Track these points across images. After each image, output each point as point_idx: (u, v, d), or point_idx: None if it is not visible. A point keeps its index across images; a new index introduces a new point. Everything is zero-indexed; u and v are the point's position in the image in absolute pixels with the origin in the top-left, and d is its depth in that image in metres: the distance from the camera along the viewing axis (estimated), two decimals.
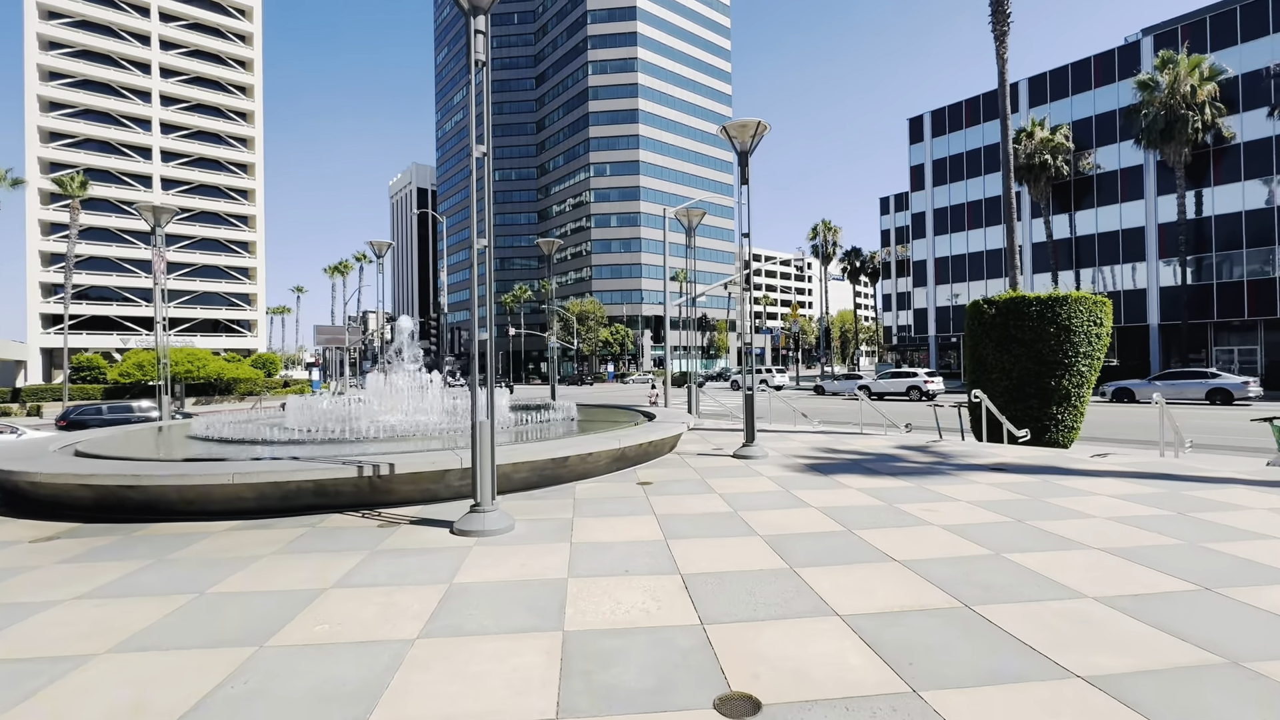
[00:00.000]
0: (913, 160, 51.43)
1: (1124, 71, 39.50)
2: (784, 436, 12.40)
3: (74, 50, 68.89)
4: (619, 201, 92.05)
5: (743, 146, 9.43)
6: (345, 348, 64.29)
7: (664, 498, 6.77)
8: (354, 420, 10.02)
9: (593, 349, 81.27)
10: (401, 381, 11.33)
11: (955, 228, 48.52)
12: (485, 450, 5.49)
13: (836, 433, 13.16)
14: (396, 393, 11.19)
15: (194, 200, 74.76)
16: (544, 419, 10.74)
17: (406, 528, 5.66)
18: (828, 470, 8.32)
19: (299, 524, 5.82)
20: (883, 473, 8.08)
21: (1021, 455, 9.45)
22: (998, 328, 12.83)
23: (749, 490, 7.13)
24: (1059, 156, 40.03)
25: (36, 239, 66.69)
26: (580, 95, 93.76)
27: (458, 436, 8.51)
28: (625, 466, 8.48)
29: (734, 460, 9.25)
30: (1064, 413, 12.48)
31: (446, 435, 8.83)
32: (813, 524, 5.61)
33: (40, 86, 66.99)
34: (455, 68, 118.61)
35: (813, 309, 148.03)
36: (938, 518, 5.72)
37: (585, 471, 7.79)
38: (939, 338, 50.78)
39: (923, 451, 10.01)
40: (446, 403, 11.80)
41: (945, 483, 7.36)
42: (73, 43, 68.61)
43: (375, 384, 11.04)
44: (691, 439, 11.88)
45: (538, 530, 5.53)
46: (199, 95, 75.54)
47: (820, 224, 69.31)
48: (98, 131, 70.35)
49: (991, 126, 45.98)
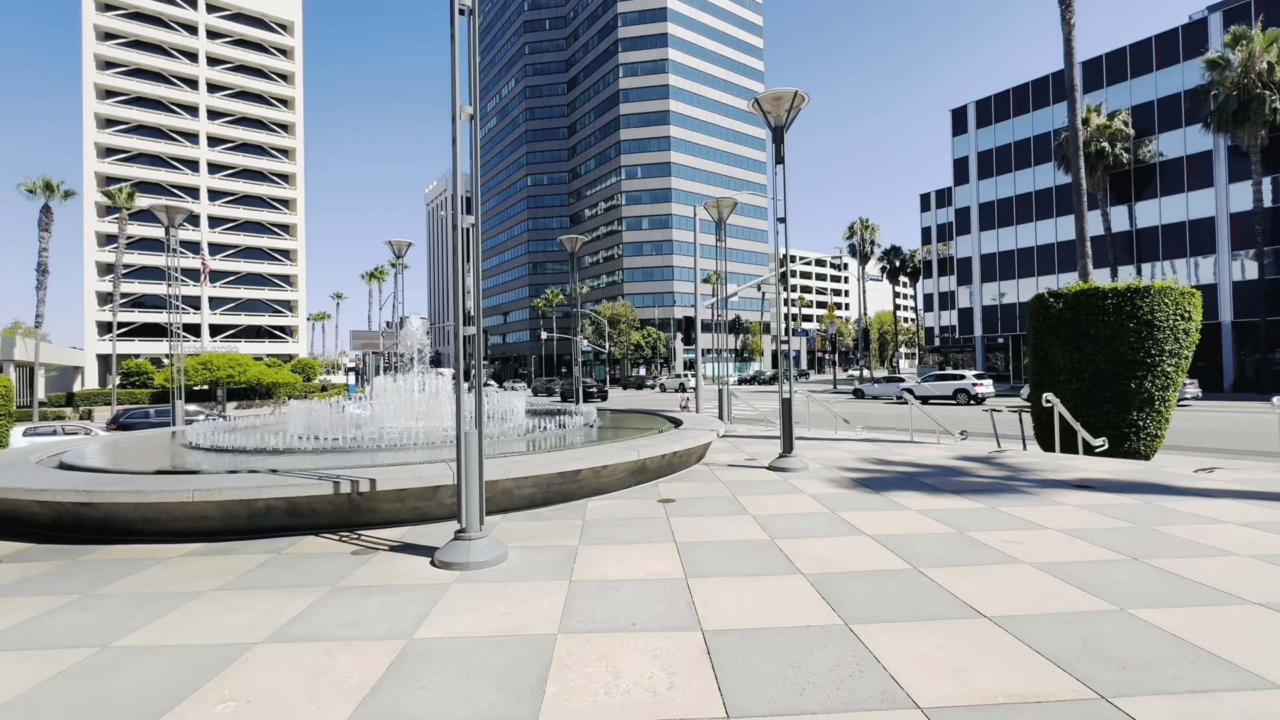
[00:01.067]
0: (956, 153, 49.16)
1: (1189, 51, 36.81)
2: (825, 445, 11.26)
3: (128, 69, 71.79)
4: (650, 204, 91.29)
5: (777, 121, 8.42)
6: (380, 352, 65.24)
7: (687, 520, 5.80)
8: (359, 427, 9.36)
9: (624, 352, 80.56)
10: (414, 385, 10.65)
11: (1003, 222, 46.09)
12: (472, 466, 4.63)
13: (883, 440, 11.95)
14: (408, 398, 10.51)
15: (238, 210, 77.09)
16: (560, 425, 9.88)
17: (383, 555, 4.84)
18: (879, 486, 7.21)
19: (265, 549, 5.06)
20: (945, 490, 6.93)
21: (1107, 469, 8.14)
22: (1067, 324, 11.46)
23: (787, 510, 6.10)
24: (1118, 144, 37.51)
25: (93, 250, 69.58)
26: (611, 98, 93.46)
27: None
28: (645, 480, 7.54)
29: (769, 473, 8.21)
30: (1147, 419, 11.04)
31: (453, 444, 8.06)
32: (868, 558, 4.56)
33: (97, 104, 69.97)
34: (488, 76, 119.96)
35: (849, 310, 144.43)
36: (1027, 553, 4.60)
37: (599, 487, 6.88)
38: (986, 338, 48.32)
39: (987, 464, 8.78)
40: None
41: (1024, 504, 6.19)
42: (127, 61, 71.50)
43: (385, 389, 10.37)
44: (722, 447, 10.86)
45: (534, 562, 4.63)
46: (243, 109, 77.92)
47: (857, 222, 67.16)
48: (149, 146, 73.10)
49: (1042, 115, 43.57)
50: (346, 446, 7.99)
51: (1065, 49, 14.42)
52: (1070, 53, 14.67)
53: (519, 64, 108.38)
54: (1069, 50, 14.66)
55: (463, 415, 4.69)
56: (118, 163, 71.61)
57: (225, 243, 76.69)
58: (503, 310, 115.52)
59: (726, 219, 13.25)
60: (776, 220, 8.43)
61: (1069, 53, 14.72)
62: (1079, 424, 10.29)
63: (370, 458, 7.21)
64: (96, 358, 69.94)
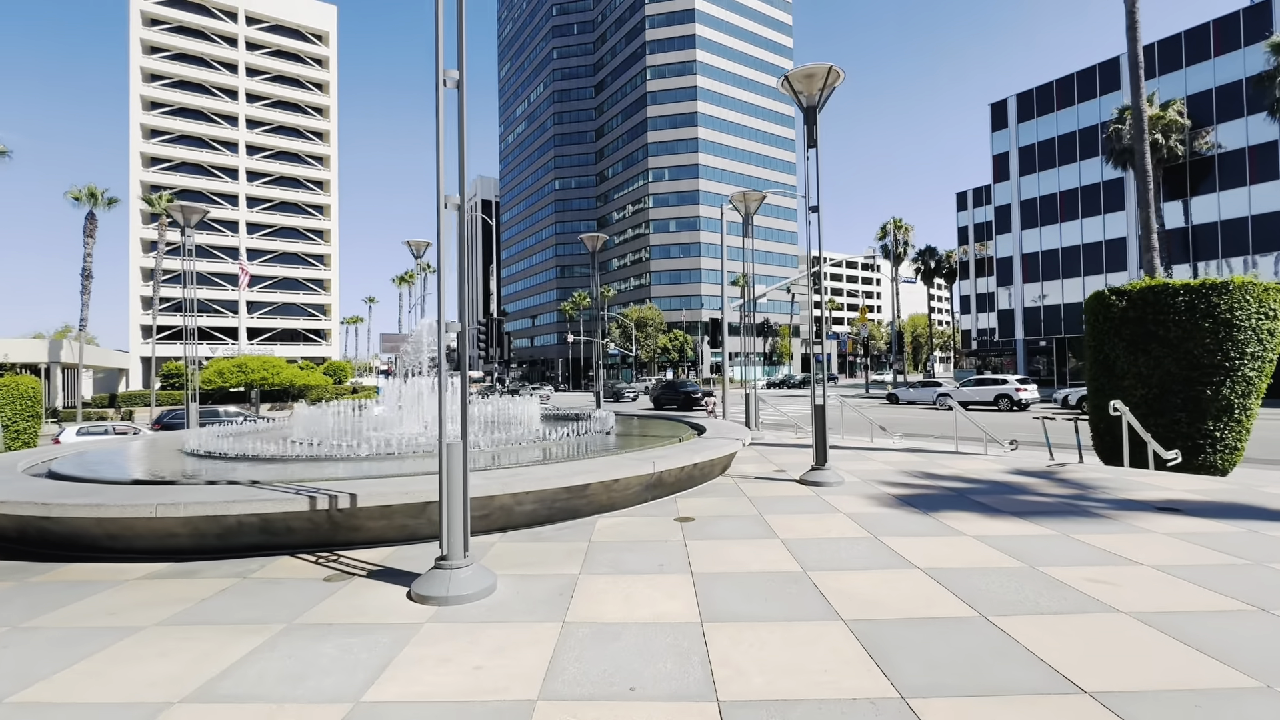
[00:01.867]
0: (995, 149, 47.27)
1: (1251, 36, 34.57)
2: (860, 455, 10.39)
3: (171, 80, 74.19)
4: (678, 206, 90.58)
5: (809, 101, 7.66)
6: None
7: (707, 544, 5.09)
8: (367, 432, 8.89)
9: (651, 355, 79.89)
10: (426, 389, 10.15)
11: (1046, 220, 44.07)
12: (455, 483, 4.01)
13: (925, 451, 11.01)
14: (420, 401, 10.03)
15: (275, 216, 78.95)
16: (575, 432, 9.24)
17: (358, 583, 4.25)
18: (927, 505, 6.38)
19: (232, 572, 4.53)
20: (1004, 511, 6.07)
21: (1190, 488, 7.14)
22: (1131, 324, 10.42)
23: (822, 534, 5.34)
24: (1172, 135, 35.43)
25: (138, 255, 71.95)
26: (639, 101, 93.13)
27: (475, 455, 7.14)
28: (663, 495, 6.84)
29: (801, 488, 7.43)
30: (1225, 429, 9.94)
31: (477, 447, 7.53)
32: (922, 599, 3.79)
33: (143, 115, 72.44)
34: (517, 81, 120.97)
35: (881, 313, 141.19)
36: (1120, 597, 3.77)
37: (610, 502, 6.21)
38: (1027, 341, 46.24)
39: (1048, 479, 7.84)
40: (482, 410, 10.56)
41: (1102, 532, 5.31)
42: (170, 74, 73.90)
43: (395, 392, 9.90)
44: (749, 457, 10.09)
45: (525, 596, 3.98)
46: (280, 118, 79.85)
47: (890, 222, 65.24)
48: (190, 155, 75.36)
49: (1088, 107, 41.53)
50: (345, 454, 7.50)
51: (1128, 21, 13.18)
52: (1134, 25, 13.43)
53: (547, 69, 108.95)
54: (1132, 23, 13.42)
55: (446, 423, 4.08)
56: (161, 171, 73.97)
57: (262, 248, 78.60)
58: (530, 314, 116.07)
59: (754, 213, 12.50)
60: (809, 209, 7.66)
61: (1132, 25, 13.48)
62: (1149, 435, 9.24)
63: (372, 467, 6.68)
64: (140, 360, 72.22)
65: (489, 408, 10.58)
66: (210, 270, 76.12)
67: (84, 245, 43.47)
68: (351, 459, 7.32)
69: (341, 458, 7.39)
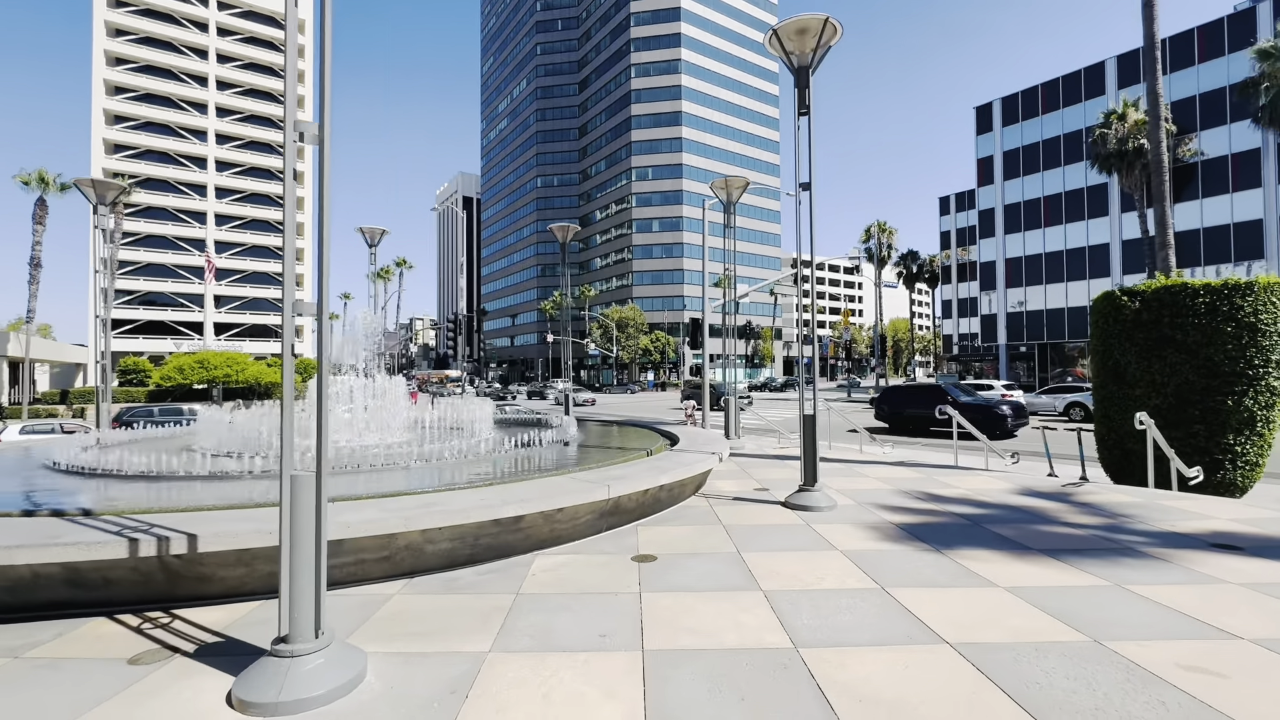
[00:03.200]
0: (980, 152, 46.96)
1: (1235, 43, 34.49)
2: (852, 470, 9.32)
3: (137, 65, 71.34)
4: (661, 206, 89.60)
5: (801, 61, 6.56)
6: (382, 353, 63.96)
7: (668, 599, 3.93)
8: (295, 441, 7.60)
9: (632, 356, 78.75)
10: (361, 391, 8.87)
11: (1030, 225, 43.81)
12: (303, 531, 2.80)
13: (922, 465, 9.98)
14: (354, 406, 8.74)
15: (246, 208, 76.36)
16: (529, 442, 8.04)
17: (176, 667, 3.02)
18: (938, 540, 5.29)
19: (12, 642, 3.26)
20: (1033, 549, 5.00)
21: (1235, 516, 6.16)
22: (1145, 327, 9.50)
23: (815, 583, 4.21)
24: None
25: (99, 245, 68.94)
26: (623, 99, 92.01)
27: (386, 476, 5.93)
28: (622, 523, 5.67)
29: (786, 513, 6.31)
30: (1246, 443, 9.06)
31: (400, 463, 6.28)
32: (963, 703, 2.67)
33: (106, 100, 69.53)
34: (500, 76, 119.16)
35: (863, 316, 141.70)
36: (1237, 701, 2.68)
37: (553, 536, 5.03)
38: (1009, 346, 45.95)
39: (1067, 503, 6.82)
40: (424, 416, 9.32)
41: (1161, 580, 4.25)
42: (136, 58, 71.06)
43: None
44: (727, 471, 8.97)
45: (401, 695, 2.78)
46: (252, 106, 77.30)
47: (874, 225, 64.81)
48: (157, 143, 72.54)
49: (1073, 111, 41.32)
50: (244, 471, 6.22)
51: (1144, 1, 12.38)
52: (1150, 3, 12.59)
53: (531, 64, 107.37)
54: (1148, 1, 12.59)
55: (290, 448, 2.87)
56: (125, 159, 71.04)
57: (231, 240, 75.97)
58: (511, 312, 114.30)
59: (736, 201, 11.41)
60: (799, 186, 6.56)
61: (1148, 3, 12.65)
62: (1173, 451, 8.31)
63: (268, 489, 5.42)
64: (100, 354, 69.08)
65: (434, 413, 9.35)
66: (176, 263, 73.37)
67: (33, 233, 41.12)
68: (250, 477, 6.04)
69: (237, 476, 6.10)
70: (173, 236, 73.67)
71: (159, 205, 72.74)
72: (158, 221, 72.63)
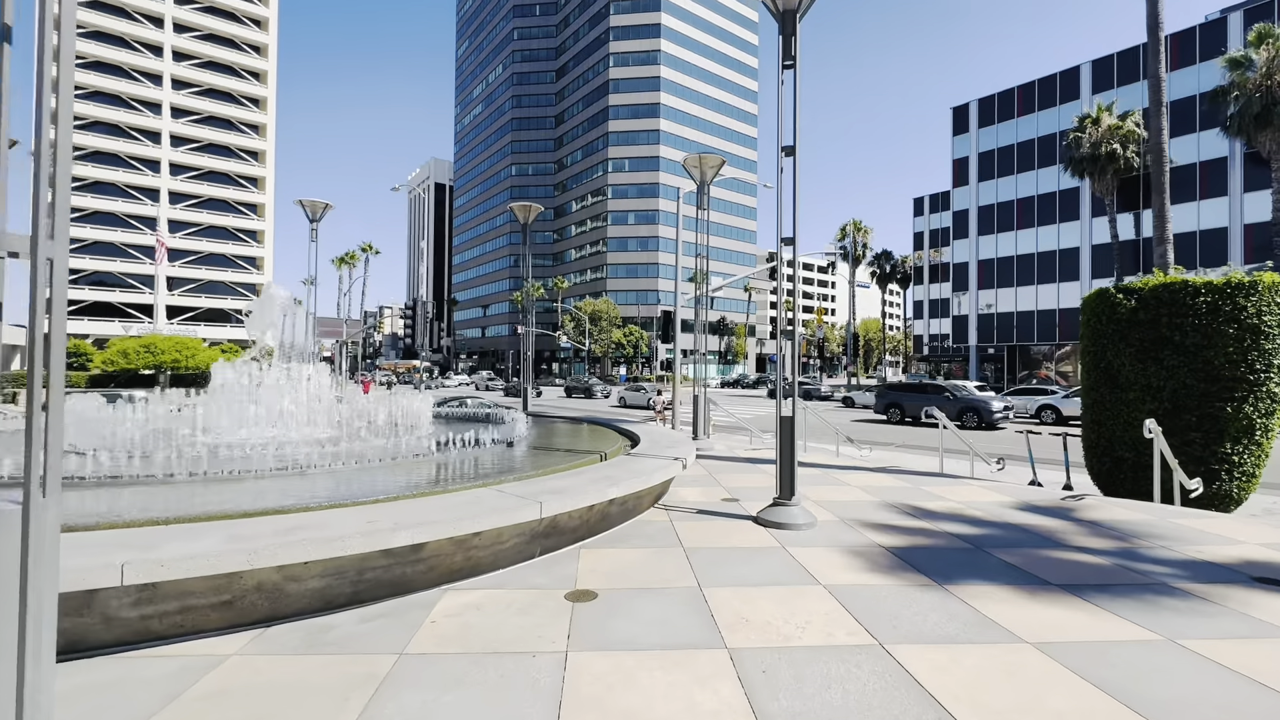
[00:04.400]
0: (956, 153, 46.98)
1: (1207, 52, 34.85)
2: (830, 477, 8.48)
3: (85, 31, 67.29)
4: (637, 198, 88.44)
5: (788, 4, 5.63)
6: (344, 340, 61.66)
7: (603, 663, 2.95)
8: (192, 435, 6.41)
9: (605, 350, 77.63)
10: (273, 378, 7.69)
11: (1003, 227, 43.96)
12: None
13: (905, 472, 9.20)
14: (260, 395, 7.56)
15: (203, 187, 72.86)
16: (466, 443, 6.98)
17: None
18: (938, 570, 4.42)
19: None
20: (1051, 583, 4.16)
21: (1264, 540, 5.44)
22: (1142, 327, 8.88)
23: (795, 634, 3.29)
24: (1129, 146, 35.39)
25: None
26: (601, 88, 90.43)
27: (304, 477, 4.83)
28: (561, 544, 4.67)
29: (759, 532, 5.39)
30: (1244, 452, 8.50)
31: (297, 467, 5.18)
32: None
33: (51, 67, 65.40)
34: (475, 61, 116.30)
35: (835, 315, 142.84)
36: None
37: (469, 565, 4.01)
38: (980, 348, 46.20)
39: (1070, 521, 6.06)
40: (365, 408, 8.18)
41: (1215, 628, 3.43)
42: (84, 23, 67.01)
43: (229, 380, 7.39)
44: (693, 477, 8.04)
45: None
46: (210, 79, 73.70)
47: (850, 224, 64.79)
48: (106, 114, 68.69)
49: (1048, 115, 41.48)
50: (100, 476, 5.04)
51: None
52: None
53: (507, 49, 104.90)
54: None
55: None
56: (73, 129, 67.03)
57: (187, 220, 72.44)
58: (483, 303, 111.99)
59: (710, 181, 10.47)
60: (782, 151, 5.63)
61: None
62: (1176, 462, 7.66)
63: (107, 502, 4.27)
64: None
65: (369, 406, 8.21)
66: (126, 241, 69.74)
67: None
68: (104, 484, 4.87)
69: (94, 481, 4.92)
70: (123, 214, 70.03)
71: (108, 180, 69.05)
72: (107, 197, 68.92)
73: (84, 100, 66.94)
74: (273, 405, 7.03)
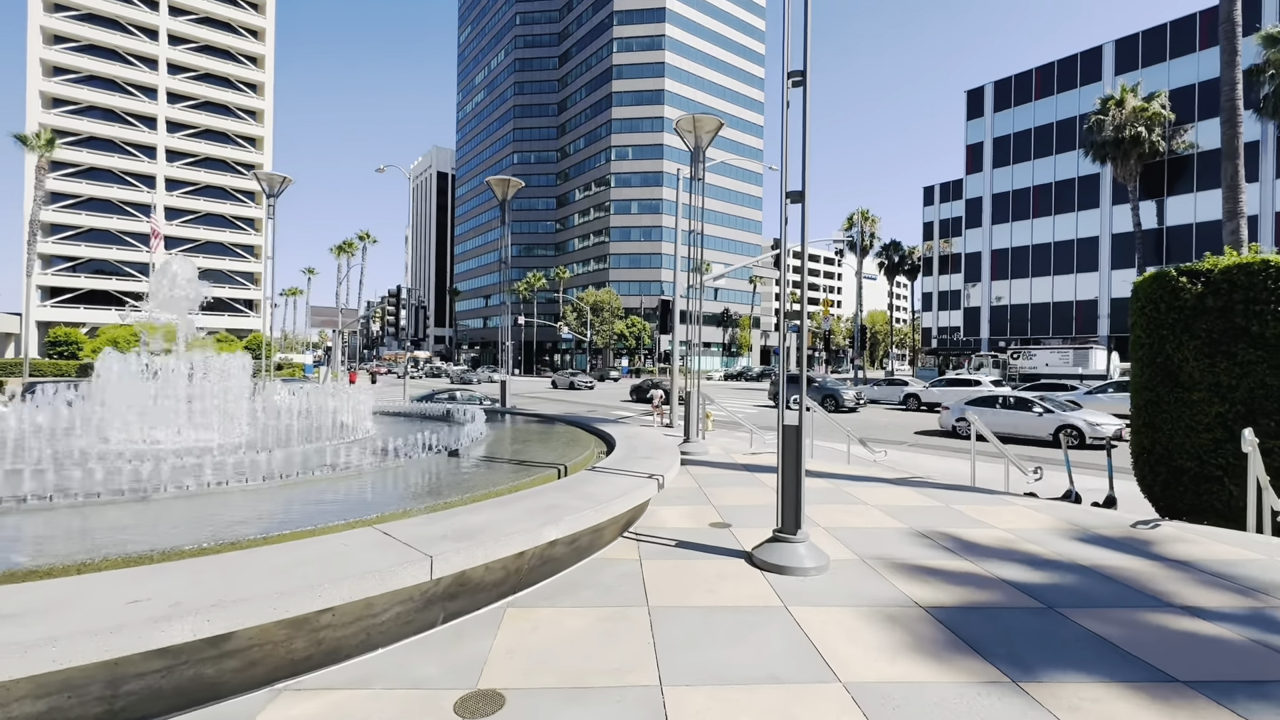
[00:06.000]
0: (970, 138, 45.22)
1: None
2: (841, 491, 7.17)
3: (79, 13, 66.02)
4: (640, 187, 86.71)
5: None
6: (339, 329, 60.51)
7: None
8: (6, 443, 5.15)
9: (607, 341, 76.34)
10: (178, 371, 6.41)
11: (1018, 215, 42.28)
12: None
13: (931, 484, 7.88)
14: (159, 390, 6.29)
15: (199, 173, 71.69)
16: (398, 450, 5.69)
17: None
18: (1004, 649, 3.12)
19: None
20: (1178, 679, 2.84)
21: None
22: (1210, 316, 7.50)
23: None
24: (1155, 130, 33.65)
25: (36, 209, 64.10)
26: (604, 74, 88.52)
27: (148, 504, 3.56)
28: (477, 605, 3.38)
29: (752, 579, 4.09)
30: None
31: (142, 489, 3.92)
32: None
33: (43, 50, 64.29)
34: (477, 47, 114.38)
35: (841, 307, 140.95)
36: None
37: (323, 651, 2.73)
38: (992, 340, 44.64)
39: (1155, 561, 4.73)
40: (296, 405, 6.92)
41: None
42: (78, 5, 65.73)
43: (115, 372, 6.12)
44: (679, 491, 6.73)
45: None
46: (208, 64, 72.38)
47: (857, 213, 63.03)
48: (101, 99, 67.54)
49: (1067, 98, 39.67)
50: None
51: None
52: None
53: (509, 35, 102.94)
54: None
55: None
56: (66, 115, 65.98)
57: (184, 207, 71.40)
58: (484, 293, 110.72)
59: (706, 147, 9.11)
60: (789, 80, 4.28)
61: None
62: (1267, 480, 6.31)
63: None
64: (36, 325, 64.65)
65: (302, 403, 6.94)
66: (122, 229, 68.74)
67: None
68: None
69: None
70: (119, 201, 69.05)
71: (104, 167, 68.06)
72: (102, 184, 67.93)
73: (78, 85, 65.79)
74: (163, 404, 5.78)
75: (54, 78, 65.69)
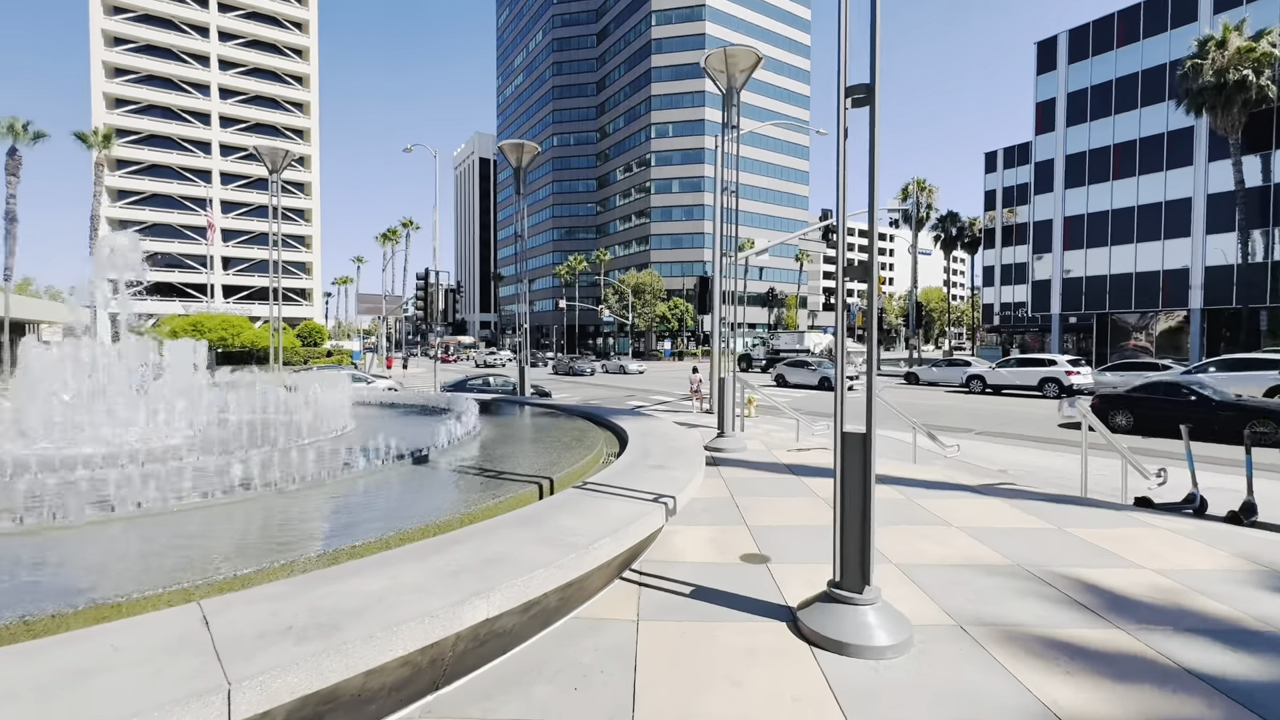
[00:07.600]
0: (1040, 94, 41.29)
1: None
2: (914, 504, 5.70)
3: (136, 15, 68.33)
4: (681, 165, 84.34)
5: None
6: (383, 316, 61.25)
7: None
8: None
9: (649, 324, 75.01)
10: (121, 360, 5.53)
11: (1096, 178, 38.42)
12: None
13: (1029, 494, 6.31)
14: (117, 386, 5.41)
15: (252, 167, 73.71)
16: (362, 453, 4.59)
17: None
18: None
19: None
20: None
21: None
22: None
23: None
24: (1263, 72, 29.57)
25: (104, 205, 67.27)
26: (643, 49, 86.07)
27: None
28: (373, 718, 2.22)
29: (795, 661, 2.77)
30: None
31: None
32: None
33: (105, 52, 66.92)
34: (515, 29, 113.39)
35: (894, 284, 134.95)
36: None
37: None
38: (1063, 316, 41.08)
39: None
40: (272, 400, 5.98)
41: None
42: (135, 6, 68.04)
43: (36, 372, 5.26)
44: (703, 504, 5.42)
45: None
46: (256, 59, 74.07)
47: (912, 182, 59.25)
48: (159, 97, 69.99)
49: (1155, 43, 35.50)
50: None
51: None
52: None
53: (547, 14, 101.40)
54: None
55: None
56: (127, 114, 68.67)
57: (238, 200, 73.77)
58: (527, 278, 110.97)
59: (741, 87, 7.65)
60: None
61: None
62: None
63: None
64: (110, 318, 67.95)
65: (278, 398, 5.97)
66: (181, 222, 71.45)
67: (5, 185, 38.67)
68: None
69: None
70: (178, 195, 71.76)
71: (163, 163, 70.79)
72: (162, 180, 70.68)
73: (137, 85, 68.21)
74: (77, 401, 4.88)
75: (115, 79, 68.27)
